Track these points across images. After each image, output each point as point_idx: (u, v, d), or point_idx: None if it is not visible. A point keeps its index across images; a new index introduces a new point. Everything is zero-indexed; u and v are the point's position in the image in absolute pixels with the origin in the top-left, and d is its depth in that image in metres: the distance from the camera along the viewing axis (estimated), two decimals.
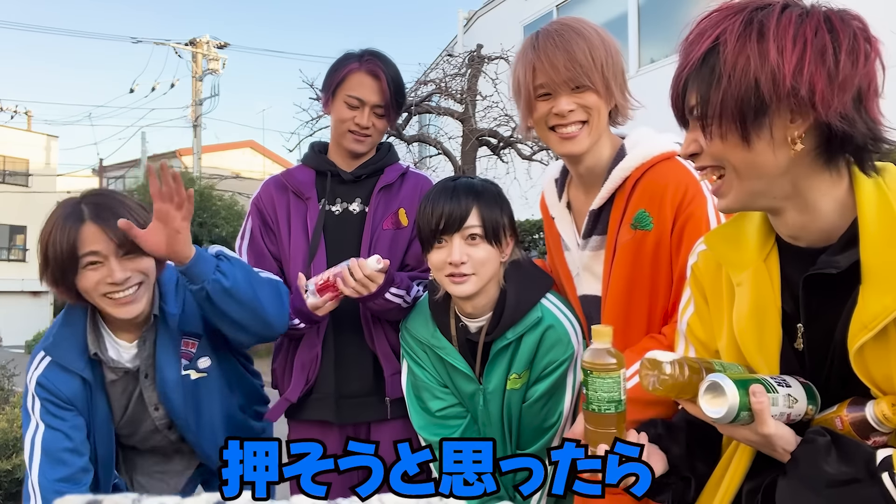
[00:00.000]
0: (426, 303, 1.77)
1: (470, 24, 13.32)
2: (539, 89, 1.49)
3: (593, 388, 1.09)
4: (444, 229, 1.61)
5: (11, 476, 2.93)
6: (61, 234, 1.53)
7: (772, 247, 1.09)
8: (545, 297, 1.68)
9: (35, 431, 1.62)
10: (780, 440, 0.98)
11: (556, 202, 1.69)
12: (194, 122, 20.94)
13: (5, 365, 5.19)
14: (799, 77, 0.91)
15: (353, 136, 1.95)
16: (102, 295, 1.56)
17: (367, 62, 1.94)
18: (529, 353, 1.65)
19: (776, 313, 1.05)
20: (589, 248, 1.57)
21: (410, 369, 1.81)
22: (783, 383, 1.00)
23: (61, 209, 1.58)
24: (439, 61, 9.11)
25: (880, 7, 6.94)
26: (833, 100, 0.91)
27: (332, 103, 1.98)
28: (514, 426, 1.72)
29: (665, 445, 1.15)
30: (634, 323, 1.49)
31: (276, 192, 2.02)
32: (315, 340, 1.94)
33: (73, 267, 1.54)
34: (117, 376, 1.71)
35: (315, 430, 1.97)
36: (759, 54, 0.92)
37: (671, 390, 1.04)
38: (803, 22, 0.93)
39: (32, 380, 1.64)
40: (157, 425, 1.77)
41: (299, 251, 1.95)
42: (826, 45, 0.92)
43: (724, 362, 1.09)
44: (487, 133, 7.77)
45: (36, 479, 1.59)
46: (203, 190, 15.36)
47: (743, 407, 0.96)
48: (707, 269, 1.19)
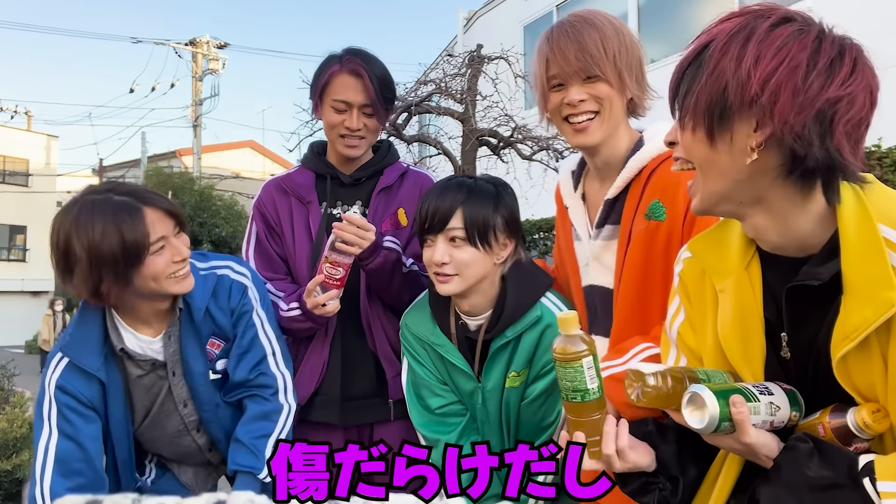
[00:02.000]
0: (427, 300, 1.77)
1: (470, 24, 13.32)
2: (552, 80, 1.52)
3: (559, 378, 1.10)
4: (428, 229, 1.63)
5: (11, 476, 2.93)
6: (124, 228, 1.49)
7: (753, 254, 1.09)
8: (545, 295, 1.68)
9: (49, 439, 1.60)
10: (763, 448, 0.99)
11: (572, 192, 1.70)
12: (194, 122, 20.93)
13: (5, 365, 5.20)
14: (765, 86, 0.91)
15: (346, 140, 1.93)
16: (169, 276, 1.58)
17: (348, 62, 1.91)
18: (528, 351, 1.66)
19: (759, 322, 1.06)
20: (601, 237, 1.57)
21: (410, 367, 1.81)
22: (765, 391, 1.01)
23: (97, 209, 1.50)
24: (439, 61, 9.10)
25: (880, 7, 6.93)
26: (790, 115, 0.91)
27: (320, 108, 1.97)
28: (513, 424, 1.73)
29: (654, 443, 1.15)
30: (649, 311, 1.49)
31: (278, 196, 2.02)
32: (324, 343, 1.94)
33: (139, 258, 1.52)
34: (144, 371, 1.70)
35: (319, 432, 1.97)
36: (737, 58, 0.93)
37: (655, 401, 1.04)
38: (797, 38, 0.93)
39: (51, 384, 1.62)
40: (187, 423, 1.76)
41: (304, 254, 1.96)
42: (802, 62, 0.91)
43: (708, 370, 1.09)
44: (487, 133, 7.77)
45: (48, 489, 1.56)
46: (203, 190, 15.36)
47: (723, 417, 0.97)
48: (692, 275, 1.19)
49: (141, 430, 1.75)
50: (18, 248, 27.07)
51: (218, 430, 1.78)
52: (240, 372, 1.75)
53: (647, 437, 1.16)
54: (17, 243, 27.06)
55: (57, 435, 1.60)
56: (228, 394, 1.78)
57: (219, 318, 1.73)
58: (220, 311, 1.73)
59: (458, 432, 1.74)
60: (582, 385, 1.07)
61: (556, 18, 11.00)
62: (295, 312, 1.87)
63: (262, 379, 1.77)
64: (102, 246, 1.47)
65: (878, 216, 0.96)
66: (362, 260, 1.80)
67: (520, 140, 7.72)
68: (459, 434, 1.74)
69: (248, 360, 1.76)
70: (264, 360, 1.78)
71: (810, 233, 1.00)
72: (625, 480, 1.15)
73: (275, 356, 1.80)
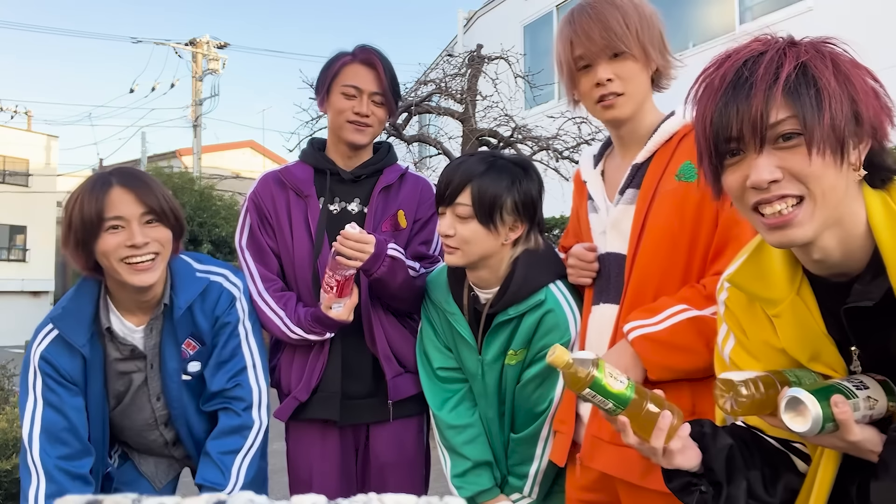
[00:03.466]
0: (445, 268, 1.82)
1: (470, 24, 13.32)
2: (579, 61, 1.54)
3: (599, 406, 1.12)
4: (440, 200, 1.69)
5: (11, 476, 2.93)
6: (89, 197, 1.58)
7: (801, 278, 1.07)
8: (554, 283, 1.69)
9: (35, 408, 1.64)
10: (868, 444, 0.99)
11: (591, 169, 1.71)
12: (194, 122, 20.93)
13: (5, 365, 5.19)
14: (872, 106, 0.95)
15: (354, 125, 1.93)
16: (121, 259, 1.59)
17: (361, 53, 1.96)
18: (528, 333, 1.68)
19: (826, 339, 1.05)
20: (623, 202, 1.57)
21: (423, 326, 1.89)
22: (861, 385, 1.00)
23: (90, 180, 1.65)
24: (439, 61, 9.11)
25: (881, 8, 6.94)
26: (876, 121, 0.95)
27: (328, 99, 1.97)
28: (509, 402, 1.76)
29: (705, 444, 1.14)
30: (673, 272, 1.49)
31: (276, 189, 2.01)
32: (324, 342, 1.94)
33: (97, 230, 1.58)
34: (122, 355, 1.72)
35: (315, 431, 1.97)
36: (847, 77, 0.95)
37: (750, 409, 1.03)
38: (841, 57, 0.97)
39: (37, 353, 1.66)
40: (157, 416, 1.79)
41: (304, 249, 1.95)
42: (873, 77, 0.97)
43: (797, 371, 1.08)
44: (487, 133, 7.77)
45: (38, 456, 1.61)
46: (203, 190, 15.35)
47: (827, 418, 0.96)
48: (738, 302, 1.18)
49: (112, 416, 1.78)
50: (18, 248, 27.04)
51: (183, 427, 1.80)
52: (218, 381, 1.77)
53: (701, 437, 1.15)
54: (17, 243, 27.03)
55: (42, 405, 1.64)
56: (206, 403, 1.80)
57: (199, 321, 1.75)
58: (203, 315, 1.75)
59: (456, 400, 1.80)
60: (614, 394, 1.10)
61: (556, 18, 11.03)
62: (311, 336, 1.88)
63: (238, 391, 1.78)
64: (73, 211, 1.60)
65: None
66: (366, 271, 1.81)
67: (520, 140, 7.72)
68: (457, 402, 1.79)
69: (227, 370, 1.78)
70: (244, 371, 1.80)
71: (852, 246, 1.00)
72: (670, 476, 1.15)
73: (255, 369, 1.82)
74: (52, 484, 1.58)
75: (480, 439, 1.77)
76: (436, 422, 1.82)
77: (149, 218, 1.62)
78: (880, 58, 7.43)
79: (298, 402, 1.94)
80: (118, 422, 1.80)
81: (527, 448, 1.72)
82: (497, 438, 1.77)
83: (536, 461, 1.72)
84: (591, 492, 1.59)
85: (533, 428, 1.71)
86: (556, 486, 1.75)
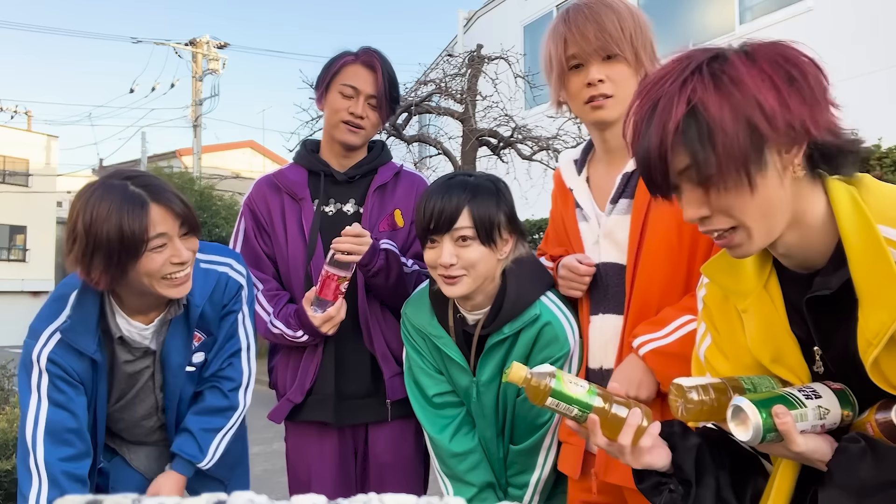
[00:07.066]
0: (426, 291, 1.77)
1: (470, 24, 13.32)
2: (571, 60, 1.53)
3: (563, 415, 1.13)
4: (434, 229, 1.61)
5: (11, 476, 2.93)
6: (125, 218, 1.48)
7: (770, 272, 1.08)
8: (545, 294, 1.68)
9: (38, 408, 1.61)
10: (815, 454, 0.97)
11: (575, 176, 1.69)
12: (194, 122, 20.93)
13: (5, 365, 5.18)
14: (787, 111, 0.91)
15: (347, 126, 1.94)
16: (163, 277, 1.56)
17: (364, 55, 1.97)
18: (525, 348, 1.65)
19: (788, 336, 1.05)
20: (616, 212, 1.56)
21: (409, 355, 1.82)
22: (812, 395, 0.98)
23: (108, 193, 1.51)
24: (439, 61, 9.11)
25: (881, 8, 6.94)
26: (817, 121, 0.93)
27: (325, 97, 1.97)
28: (509, 419, 1.73)
29: (674, 443, 1.14)
30: (675, 282, 1.48)
31: (270, 193, 2.01)
32: (318, 341, 1.93)
33: (139, 250, 1.51)
34: (134, 357, 1.71)
35: (313, 432, 1.97)
36: (743, 100, 0.92)
37: (700, 416, 1.02)
38: (753, 64, 0.94)
39: (43, 356, 1.62)
40: (158, 405, 1.79)
41: (298, 252, 1.95)
42: (791, 75, 0.93)
43: (754, 378, 1.07)
44: (487, 133, 7.77)
45: (42, 458, 1.59)
46: (203, 190, 15.37)
47: (768, 428, 0.95)
48: (715, 299, 1.18)
49: (110, 410, 1.77)
50: (18, 249, 27.05)
51: (173, 413, 1.80)
52: (214, 364, 1.79)
53: (670, 437, 1.15)
54: (17, 243, 27.04)
55: (47, 404, 1.61)
56: (199, 384, 1.81)
57: (208, 313, 1.74)
58: (212, 307, 1.74)
59: (455, 426, 1.75)
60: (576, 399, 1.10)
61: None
62: (291, 332, 1.89)
63: (230, 371, 1.80)
64: (101, 230, 1.47)
65: (876, 217, 0.95)
66: (365, 266, 1.81)
67: (520, 140, 7.73)
68: (456, 428, 1.74)
69: (224, 352, 1.80)
70: (238, 353, 1.82)
71: (817, 238, 1.00)
72: (641, 477, 1.15)
73: (248, 351, 1.84)
74: (55, 489, 1.58)
75: (483, 463, 1.73)
76: (435, 449, 1.77)
77: (184, 231, 1.59)
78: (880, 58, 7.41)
79: (293, 403, 1.94)
80: (117, 415, 1.79)
81: (527, 458, 1.70)
82: (495, 455, 1.75)
83: (538, 470, 1.69)
84: (596, 495, 1.58)
85: (534, 439, 1.69)
86: (556, 489, 1.74)
